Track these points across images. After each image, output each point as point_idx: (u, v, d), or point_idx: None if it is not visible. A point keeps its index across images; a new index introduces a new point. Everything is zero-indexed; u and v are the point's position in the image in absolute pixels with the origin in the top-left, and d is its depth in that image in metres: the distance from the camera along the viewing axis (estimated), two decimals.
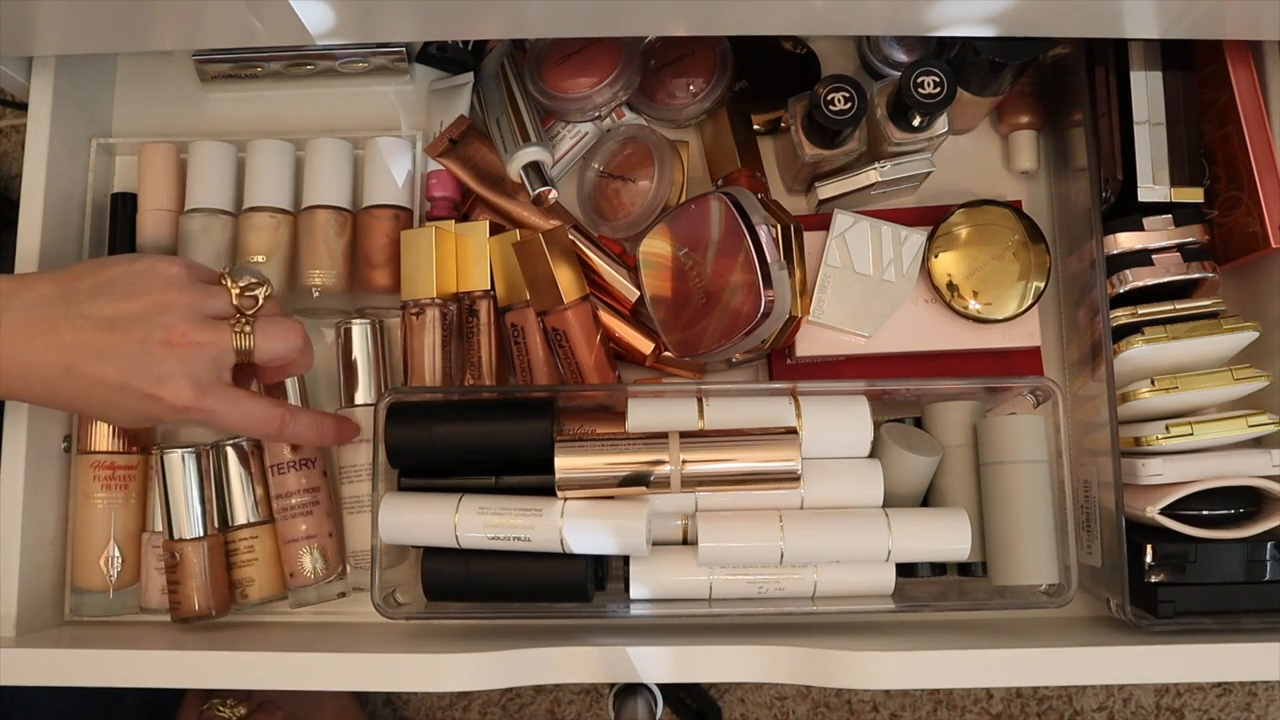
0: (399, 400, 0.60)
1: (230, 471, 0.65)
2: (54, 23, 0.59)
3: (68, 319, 0.53)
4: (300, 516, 0.64)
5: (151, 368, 0.53)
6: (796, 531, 0.57)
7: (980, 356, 0.66)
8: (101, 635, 0.64)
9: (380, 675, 0.55)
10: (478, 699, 0.85)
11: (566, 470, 0.56)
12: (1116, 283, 0.63)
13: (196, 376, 0.54)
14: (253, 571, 0.65)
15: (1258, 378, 0.60)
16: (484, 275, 0.66)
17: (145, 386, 0.53)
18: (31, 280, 0.55)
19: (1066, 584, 0.59)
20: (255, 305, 0.57)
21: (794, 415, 0.60)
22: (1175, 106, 0.64)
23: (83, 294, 0.54)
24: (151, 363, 0.53)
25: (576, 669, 0.56)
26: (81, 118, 0.70)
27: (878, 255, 0.65)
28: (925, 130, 0.64)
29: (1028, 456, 0.60)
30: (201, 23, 0.59)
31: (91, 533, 0.65)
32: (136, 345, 0.53)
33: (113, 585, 0.65)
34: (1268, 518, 0.59)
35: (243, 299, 0.57)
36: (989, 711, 0.84)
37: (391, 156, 0.68)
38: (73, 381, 0.53)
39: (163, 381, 0.53)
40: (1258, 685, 0.84)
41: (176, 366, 0.53)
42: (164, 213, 0.68)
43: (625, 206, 0.69)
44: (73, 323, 0.53)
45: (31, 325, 0.52)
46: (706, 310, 0.60)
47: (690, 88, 0.70)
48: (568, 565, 0.58)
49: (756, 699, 0.85)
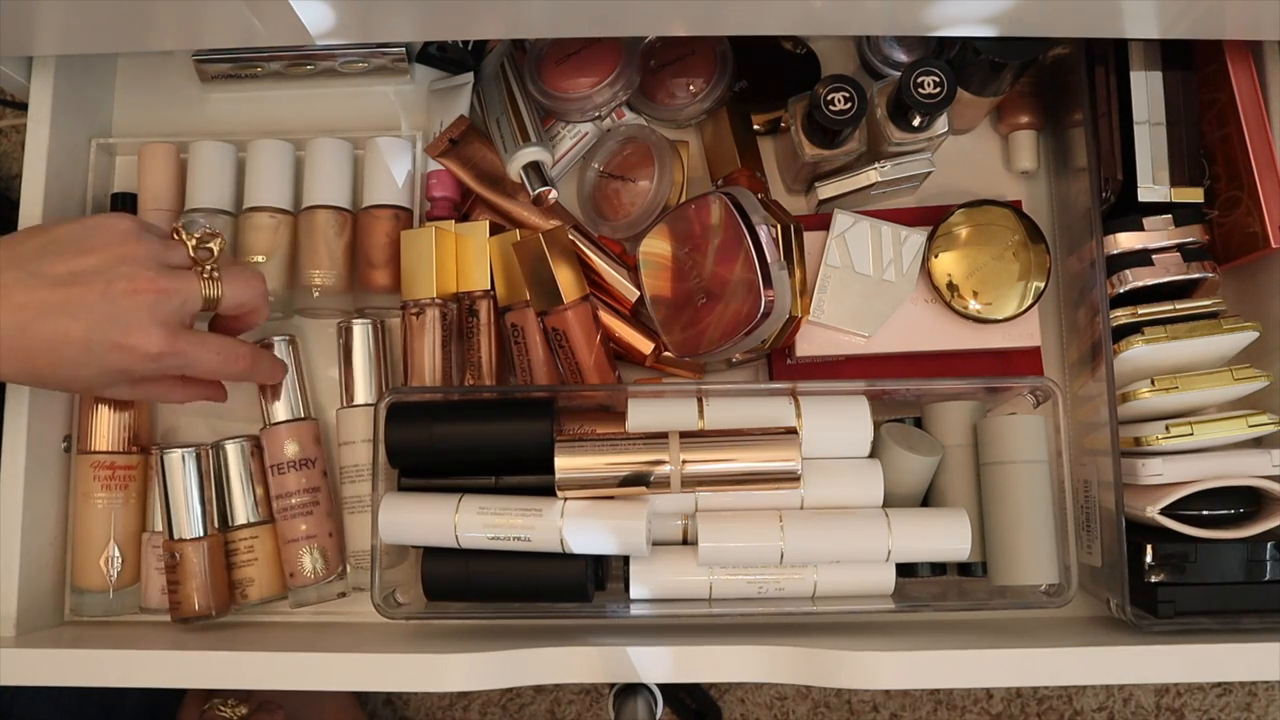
0: (399, 400, 0.60)
1: (230, 471, 0.65)
2: (54, 23, 0.59)
3: (19, 282, 0.51)
4: (300, 516, 0.64)
5: (119, 316, 0.51)
6: (796, 531, 0.57)
7: (980, 356, 0.66)
8: (101, 635, 0.64)
9: (380, 675, 0.55)
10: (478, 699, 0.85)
11: (566, 470, 0.56)
12: (1116, 283, 0.63)
13: (165, 320, 0.53)
14: (253, 571, 0.65)
15: (1258, 378, 0.60)
16: (484, 275, 0.66)
17: (114, 336, 0.51)
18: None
19: (1066, 584, 0.59)
20: (211, 257, 0.56)
21: (794, 415, 0.60)
22: (1175, 106, 0.64)
23: (30, 254, 0.52)
24: (118, 311, 0.51)
25: (576, 669, 0.56)
26: (81, 118, 0.70)
27: (878, 255, 0.65)
28: (925, 130, 0.64)
29: (1028, 456, 0.60)
30: (201, 23, 0.59)
31: (91, 533, 0.65)
32: (98, 297, 0.51)
33: (113, 585, 0.65)
34: (1268, 518, 0.59)
35: (199, 250, 0.56)
36: (989, 711, 0.84)
37: (391, 156, 0.68)
38: (31, 343, 0.51)
39: (132, 329, 0.52)
40: (1258, 685, 0.84)
41: (144, 313, 0.52)
42: (164, 213, 0.68)
43: (625, 206, 0.69)
44: (24, 284, 0.51)
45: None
46: (706, 310, 0.60)
47: (690, 88, 0.70)
48: (568, 565, 0.58)
49: (756, 699, 0.85)
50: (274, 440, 0.65)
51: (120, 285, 0.52)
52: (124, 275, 0.52)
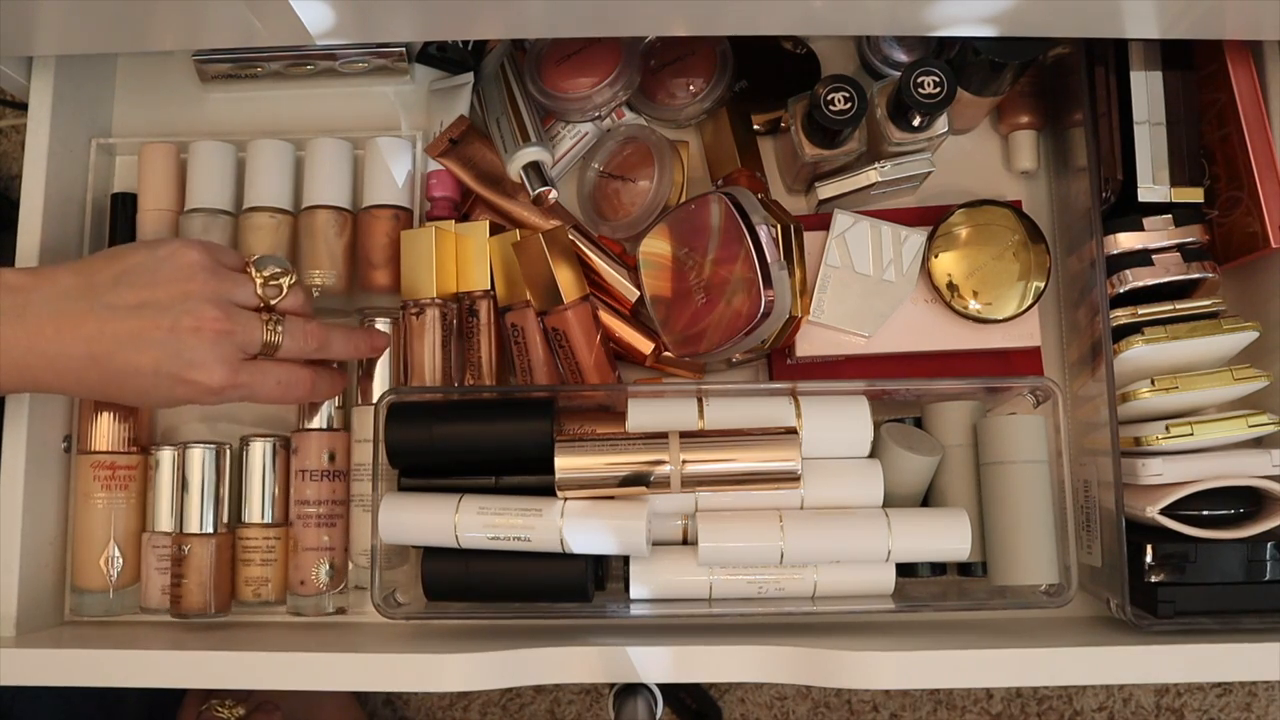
0: (399, 400, 0.60)
1: (252, 471, 0.65)
2: (54, 23, 0.59)
3: (93, 311, 0.53)
4: (324, 526, 0.64)
5: (183, 353, 0.54)
6: (796, 531, 0.57)
7: (980, 356, 0.66)
8: (101, 635, 0.64)
9: (380, 675, 0.55)
10: (478, 699, 0.85)
11: (566, 470, 0.56)
12: (1116, 283, 0.63)
13: (227, 358, 0.55)
14: (269, 572, 0.65)
15: (1258, 378, 0.60)
16: (484, 275, 0.66)
17: (179, 371, 0.54)
18: (50, 273, 0.55)
19: (1066, 584, 0.59)
20: (280, 294, 0.58)
21: (794, 415, 0.60)
22: (1175, 106, 0.64)
23: (104, 284, 0.54)
24: (183, 349, 0.54)
25: (576, 669, 0.56)
26: (81, 118, 0.70)
27: (878, 255, 0.65)
28: (925, 130, 0.64)
29: (1028, 456, 0.60)
30: (201, 23, 0.59)
31: (91, 533, 0.65)
32: (165, 333, 0.53)
33: (113, 585, 0.65)
34: (1268, 518, 0.59)
35: (267, 288, 0.57)
36: (989, 711, 0.84)
37: (391, 156, 0.68)
38: (103, 372, 0.54)
39: (195, 366, 0.54)
40: (1258, 685, 0.84)
41: (207, 351, 0.54)
42: (164, 213, 0.68)
43: (625, 206, 0.69)
44: (98, 314, 0.53)
45: (57, 319, 0.53)
46: (706, 310, 0.60)
47: (690, 88, 0.70)
48: (568, 565, 0.58)
49: (756, 699, 0.85)
50: (306, 445, 0.65)
51: (186, 321, 0.54)
52: (189, 311, 0.54)
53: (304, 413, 0.65)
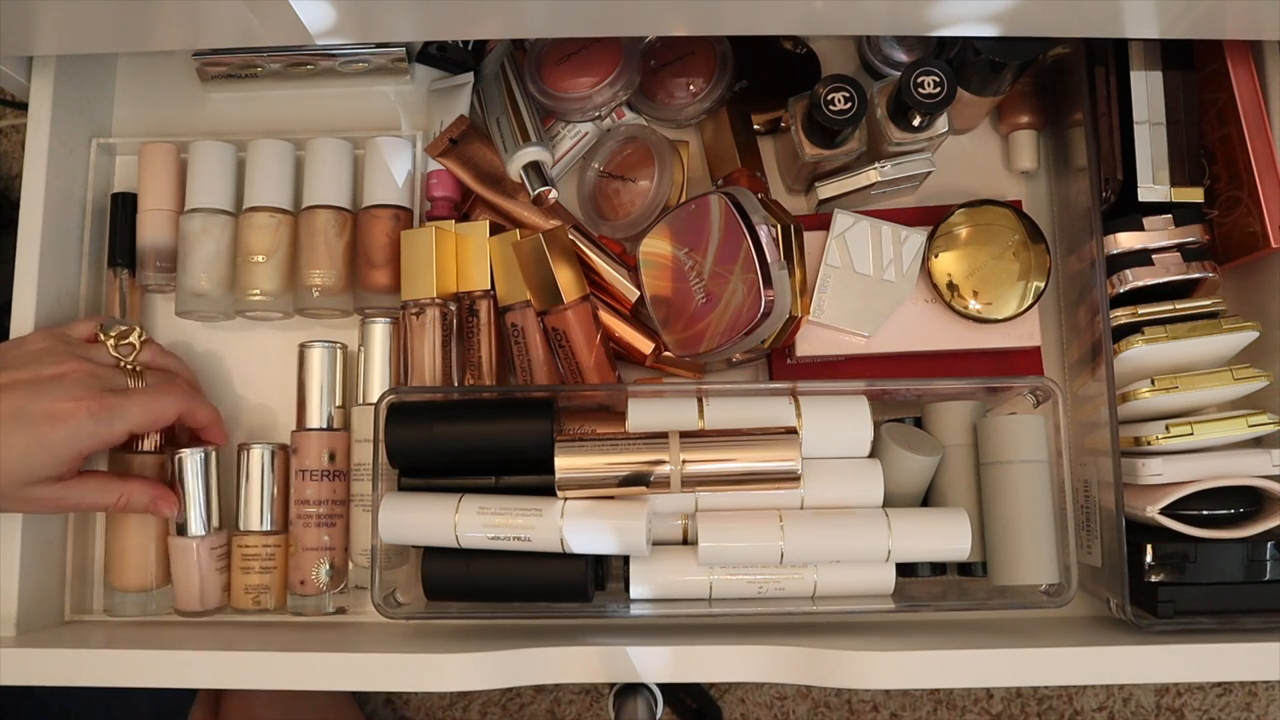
0: (399, 400, 0.60)
1: (250, 478, 0.65)
2: (54, 23, 0.59)
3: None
4: (324, 526, 0.64)
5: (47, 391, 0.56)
6: (796, 531, 0.57)
7: (980, 356, 0.66)
8: (101, 635, 0.64)
9: (380, 675, 0.55)
10: (478, 699, 0.85)
11: (566, 470, 0.56)
12: (1116, 283, 0.63)
13: (92, 388, 0.57)
14: (268, 579, 0.65)
15: (1258, 378, 0.60)
16: (484, 275, 0.66)
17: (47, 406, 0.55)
18: None
19: (1066, 584, 0.59)
20: (134, 351, 0.61)
21: (794, 415, 0.60)
22: (1175, 106, 0.64)
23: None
24: (46, 389, 0.56)
25: (576, 669, 0.56)
26: (81, 118, 0.70)
27: (878, 255, 0.65)
28: (925, 130, 0.64)
29: (1028, 456, 0.60)
30: (201, 23, 0.59)
31: (126, 533, 0.65)
32: (27, 385, 0.56)
33: (150, 586, 0.65)
34: (1268, 518, 0.59)
35: (120, 348, 0.61)
36: (989, 711, 0.84)
37: (391, 156, 0.68)
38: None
39: (62, 400, 0.56)
40: (1258, 685, 0.84)
41: (74, 385, 0.56)
42: (164, 213, 0.68)
43: (625, 206, 0.69)
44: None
45: None
46: (706, 310, 0.60)
47: (690, 88, 0.70)
48: (568, 565, 0.58)
49: (756, 699, 0.85)
50: (307, 444, 0.65)
51: (47, 371, 0.57)
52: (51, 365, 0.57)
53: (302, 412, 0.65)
